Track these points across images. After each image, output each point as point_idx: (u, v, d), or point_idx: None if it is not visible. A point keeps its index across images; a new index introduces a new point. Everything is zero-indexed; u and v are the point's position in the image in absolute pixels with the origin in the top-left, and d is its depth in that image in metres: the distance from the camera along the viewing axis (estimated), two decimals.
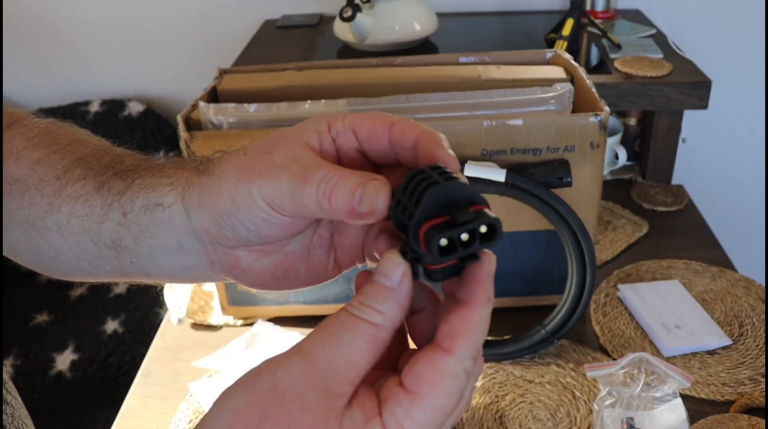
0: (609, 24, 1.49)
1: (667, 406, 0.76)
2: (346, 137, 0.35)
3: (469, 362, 0.29)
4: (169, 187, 0.37)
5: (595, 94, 0.85)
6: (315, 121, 0.35)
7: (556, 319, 0.85)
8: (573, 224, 0.83)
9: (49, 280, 1.67)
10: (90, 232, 0.39)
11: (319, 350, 0.28)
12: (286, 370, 0.28)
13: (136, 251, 0.39)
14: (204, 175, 0.36)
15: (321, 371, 0.28)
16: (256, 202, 0.33)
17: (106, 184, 0.39)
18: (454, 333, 0.29)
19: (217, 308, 0.96)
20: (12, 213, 0.41)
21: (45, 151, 0.41)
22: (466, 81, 0.91)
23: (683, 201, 1.21)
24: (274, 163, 0.33)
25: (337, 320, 0.29)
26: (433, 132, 0.33)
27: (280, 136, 0.35)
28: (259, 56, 1.47)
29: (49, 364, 1.41)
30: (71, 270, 0.42)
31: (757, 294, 0.97)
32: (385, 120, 0.34)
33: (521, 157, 0.82)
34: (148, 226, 0.37)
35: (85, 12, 1.75)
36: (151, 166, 0.39)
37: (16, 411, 0.41)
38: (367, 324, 0.29)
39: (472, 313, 0.29)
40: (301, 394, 0.27)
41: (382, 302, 0.29)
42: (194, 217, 0.36)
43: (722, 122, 1.68)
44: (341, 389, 0.28)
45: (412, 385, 0.28)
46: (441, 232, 0.28)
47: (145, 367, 0.90)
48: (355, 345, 0.28)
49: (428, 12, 1.42)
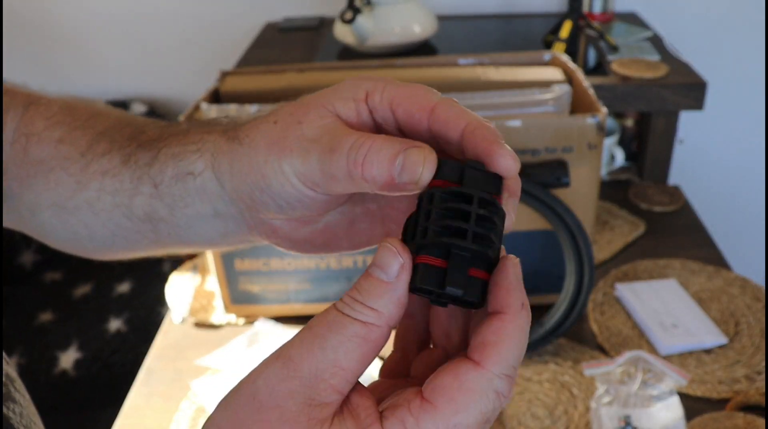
0: (606, 26, 1.50)
1: (664, 404, 0.76)
2: (384, 114, 0.31)
3: (501, 382, 0.25)
4: (197, 153, 0.35)
5: (593, 96, 0.86)
6: (352, 85, 0.31)
7: (554, 318, 0.86)
8: (571, 224, 0.84)
9: (53, 279, 1.68)
10: (122, 207, 0.37)
11: (301, 355, 0.25)
12: (265, 378, 0.26)
13: (172, 222, 0.37)
14: (233, 142, 0.33)
15: (302, 378, 0.25)
16: (288, 178, 0.31)
17: (132, 156, 0.37)
18: (484, 345, 0.25)
19: (219, 307, 0.97)
20: (39, 196, 0.40)
21: (66, 129, 0.40)
22: (465, 82, 0.92)
23: (680, 201, 1.22)
24: (304, 135, 0.30)
25: (323, 319, 0.26)
26: (484, 125, 0.29)
27: (312, 102, 0.32)
28: (260, 58, 1.48)
29: (52, 362, 1.42)
30: (107, 247, 0.40)
31: (753, 293, 0.98)
32: (424, 104, 0.30)
33: (519, 157, 0.83)
34: (181, 196, 0.35)
35: (88, 14, 1.76)
36: (175, 132, 0.37)
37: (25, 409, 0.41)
38: (358, 324, 0.26)
39: (505, 323, 0.26)
40: (281, 404, 0.25)
41: (376, 298, 0.26)
42: (227, 185, 0.34)
43: (718, 123, 1.69)
44: (325, 398, 0.25)
45: (430, 394, 0.25)
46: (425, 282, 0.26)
47: (148, 366, 0.91)
48: (342, 348, 0.25)
49: (428, 14, 1.44)
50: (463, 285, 0.26)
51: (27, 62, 1.83)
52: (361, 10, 1.34)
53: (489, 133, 0.28)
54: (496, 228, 0.27)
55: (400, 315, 0.27)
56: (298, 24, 1.67)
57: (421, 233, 0.27)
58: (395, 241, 0.27)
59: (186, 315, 0.97)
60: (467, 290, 0.26)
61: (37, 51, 1.82)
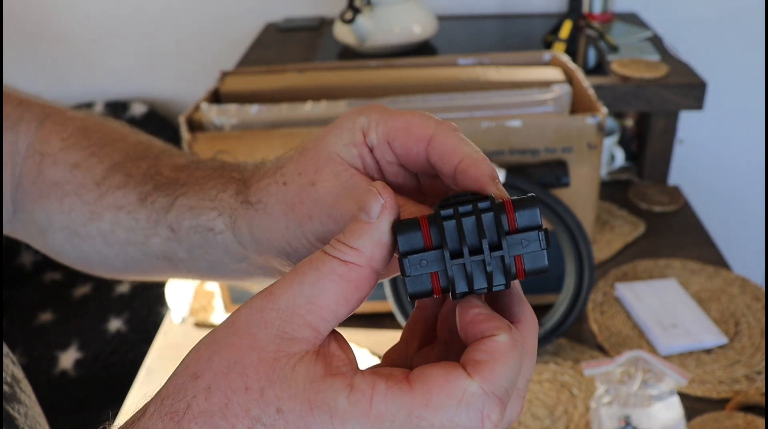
0: (606, 26, 1.50)
1: (664, 403, 0.76)
2: (382, 150, 0.31)
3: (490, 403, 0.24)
4: (215, 211, 0.35)
5: (593, 96, 0.86)
6: (348, 129, 0.31)
7: (554, 318, 0.86)
8: (571, 224, 0.84)
9: (53, 279, 1.68)
10: (137, 244, 0.38)
11: (281, 289, 0.26)
12: (246, 308, 0.26)
13: (192, 263, 0.37)
14: (248, 208, 0.33)
15: (278, 310, 0.25)
16: (313, 244, 0.31)
17: (149, 197, 0.37)
18: (478, 363, 0.24)
19: (219, 307, 0.97)
20: (52, 217, 0.40)
21: (82, 154, 0.40)
22: (465, 82, 0.92)
23: (679, 201, 1.22)
24: (322, 200, 0.30)
25: (308, 259, 0.26)
26: (478, 162, 0.28)
27: (319, 157, 0.31)
28: (260, 58, 1.48)
29: (52, 362, 1.42)
30: (120, 272, 0.41)
31: (753, 293, 0.98)
32: (420, 135, 0.29)
33: (519, 157, 0.84)
34: (201, 244, 0.36)
35: (89, 14, 1.76)
36: (191, 181, 0.37)
37: (30, 410, 0.41)
38: (337, 261, 0.26)
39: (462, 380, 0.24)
40: (254, 332, 0.25)
41: (358, 238, 0.26)
42: (249, 247, 0.34)
43: (718, 123, 1.69)
44: (298, 333, 0.25)
45: (415, 377, 0.25)
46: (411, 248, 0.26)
47: (148, 366, 0.91)
48: (319, 284, 0.25)
49: (428, 14, 1.44)
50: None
51: (27, 63, 1.83)
52: (361, 10, 1.34)
53: (481, 172, 0.28)
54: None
55: (384, 257, 0.27)
56: (298, 24, 1.67)
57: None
58: (379, 183, 0.27)
59: (186, 315, 0.97)
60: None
61: (37, 52, 1.82)
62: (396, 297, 0.85)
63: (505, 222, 0.26)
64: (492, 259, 0.26)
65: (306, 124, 0.86)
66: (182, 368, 0.27)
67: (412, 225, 0.26)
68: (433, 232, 0.26)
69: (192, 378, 0.26)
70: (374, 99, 0.87)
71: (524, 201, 0.27)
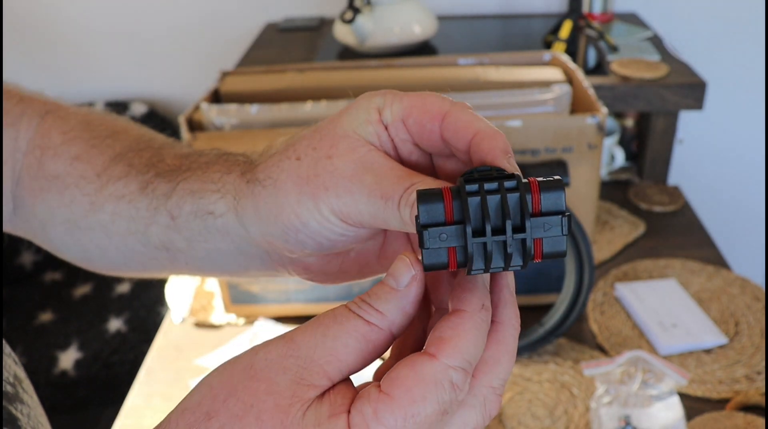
0: (606, 26, 1.50)
1: (664, 403, 0.76)
2: (396, 129, 0.31)
3: (457, 374, 0.26)
4: (217, 193, 0.34)
5: (593, 96, 0.86)
6: (365, 105, 0.31)
7: (554, 318, 0.86)
8: (571, 224, 0.84)
9: (53, 279, 1.68)
10: (137, 233, 0.37)
11: (303, 338, 0.26)
12: (265, 352, 0.27)
13: (190, 253, 0.37)
14: (255, 185, 0.33)
15: (298, 358, 0.26)
16: (327, 218, 0.31)
17: (150, 184, 0.37)
18: (441, 339, 0.26)
19: (219, 307, 0.97)
20: (53, 211, 0.40)
21: (83, 146, 0.39)
22: (465, 82, 0.93)
23: (679, 201, 1.22)
24: (339, 172, 0.30)
25: (331, 312, 0.27)
26: (492, 135, 0.28)
27: (335, 133, 0.31)
28: (260, 58, 1.48)
29: (52, 362, 1.42)
30: (120, 268, 0.41)
31: (753, 293, 0.98)
32: (435, 112, 0.30)
33: (519, 157, 0.84)
34: (200, 232, 0.35)
35: (88, 14, 1.77)
36: (195, 165, 0.36)
37: (33, 410, 0.40)
38: (361, 321, 0.27)
39: (463, 320, 0.26)
40: (272, 377, 0.26)
41: (383, 302, 0.27)
42: (252, 229, 0.34)
43: (718, 123, 1.69)
44: (315, 380, 0.26)
45: (387, 385, 0.26)
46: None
47: (148, 366, 0.91)
48: (341, 339, 0.26)
49: (428, 15, 1.44)
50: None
51: (27, 63, 1.83)
52: (361, 11, 1.34)
53: (494, 145, 0.28)
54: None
55: (404, 324, 0.28)
56: (298, 24, 1.67)
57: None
58: (411, 254, 0.28)
59: (186, 315, 0.98)
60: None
61: (37, 51, 1.82)
62: None
63: (530, 203, 0.26)
64: (513, 240, 0.26)
65: (306, 124, 0.86)
66: (193, 404, 0.27)
67: (435, 196, 0.26)
68: (456, 207, 0.26)
69: (205, 417, 0.26)
70: None
71: (550, 184, 0.26)
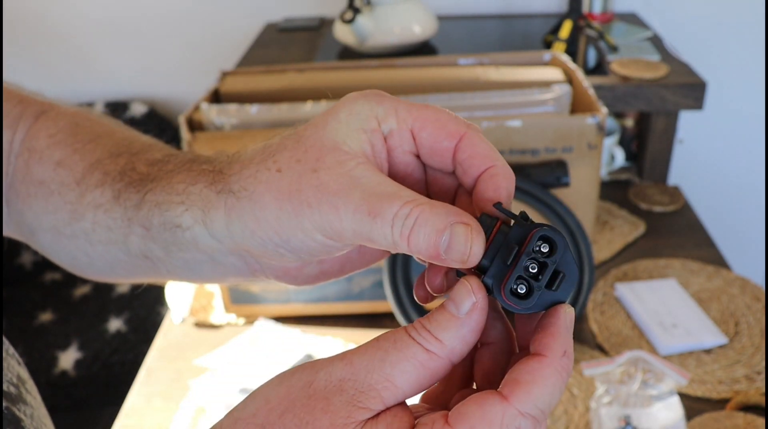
0: (606, 26, 1.50)
1: (664, 403, 0.76)
2: (401, 138, 0.30)
3: (526, 421, 0.25)
4: (182, 206, 0.33)
5: (593, 96, 0.86)
6: (357, 114, 0.30)
7: None
8: (571, 224, 0.84)
9: (53, 279, 1.68)
10: (118, 243, 0.37)
11: (362, 361, 0.26)
12: (327, 373, 0.27)
13: (169, 262, 0.36)
14: (228, 196, 0.31)
15: (357, 381, 0.26)
16: (309, 234, 0.29)
17: (122, 194, 0.36)
18: (516, 382, 0.26)
19: (219, 307, 0.97)
20: (39, 217, 0.39)
21: (66, 151, 0.39)
22: (465, 82, 0.93)
23: (679, 201, 1.22)
24: (324, 187, 0.28)
25: (391, 336, 0.27)
26: (507, 174, 0.29)
27: (321, 144, 0.29)
28: (260, 58, 1.48)
29: (52, 362, 1.42)
30: (107, 274, 0.40)
31: (753, 293, 0.98)
32: (453, 131, 0.29)
33: (520, 157, 0.84)
34: (174, 242, 0.34)
35: (89, 14, 1.76)
36: (160, 174, 0.35)
37: (36, 411, 0.40)
38: (420, 348, 0.26)
39: (542, 365, 0.26)
40: (329, 397, 0.26)
41: (443, 331, 0.26)
42: (225, 241, 0.32)
43: (718, 123, 1.69)
44: (370, 404, 0.26)
45: (454, 419, 0.26)
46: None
47: (148, 366, 0.91)
48: (399, 366, 0.26)
49: (428, 15, 1.44)
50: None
51: (27, 63, 1.83)
52: (361, 11, 1.34)
53: (504, 186, 0.28)
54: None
55: (464, 352, 0.27)
56: (298, 24, 1.67)
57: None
58: (474, 279, 0.27)
59: (186, 315, 0.97)
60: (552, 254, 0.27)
61: (37, 52, 1.82)
62: (396, 297, 0.85)
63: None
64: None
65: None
66: (247, 415, 0.27)
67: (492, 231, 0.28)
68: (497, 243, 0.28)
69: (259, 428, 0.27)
70: None
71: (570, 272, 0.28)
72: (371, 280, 0.91)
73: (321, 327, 0.93)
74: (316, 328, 0.93)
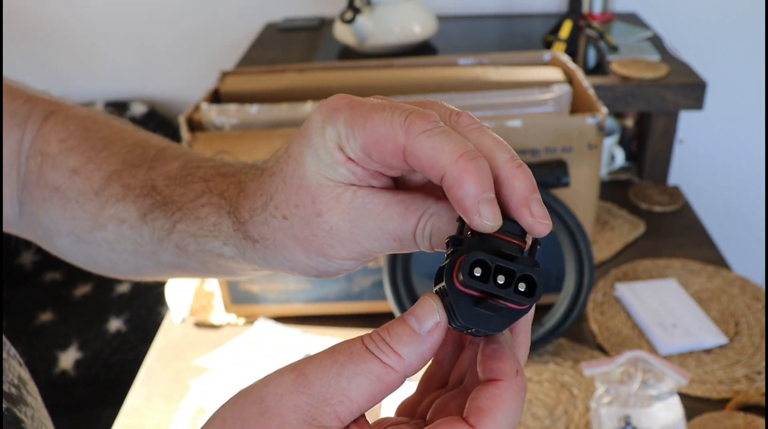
0: (606, 26, 1.50)
1: (664, 403, 0.76)
2: (365, 162, 0.29)
3: None
4: (219, 240, 0.35)
5: (593, 96, 0.86)
6: (323, 148, 0.29)
7: (554, 318, 0.86)
8: (571, 224, 0.84)
9: (53, 279, 1.68)
10: (145, 254, 0.38)
11: (316, 374, 0.26)
12: (276, 386, 0.26)
13: (204, 270, 0.37)
14: (254, 244, 0.33)
15: (310, 396, 0.26)
16: (341, 263, 0.31)
17: (149, 214, 0.37)
18: (480, 410, 0.26)
19: (219, 307, 0.97)
20: (56, 222, 0.40)
21: (80, 159, 0.39)
22: (465, 82, 0.93)
23: (679, 201, 1.22)
24: (336, 230, 0.30)
25: (347, 348, 0.26)
26: (461, 178, 0.26)
27: (308, 185, 0.30)
28: (260, 58, 1.48)
29: (52, 362, 1.42)
30: (131, 275, 0.41)
31: (753, 293, 0.98)
32: (392, 149, 0.27)
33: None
34: (212, 259, 0.36)
35: (89, 14, 1.76)
36: (184, 202, 0.36)
37: (37, 412, 0.41)
38: (378, 362, 0.26)
39: (500, 390, 0.26)
40: (283, 414, 0.26)
41: (403, 345, 0.26)
42: (264, 267, 0.34)
43: (718, 123, 1.69)
44: (326, 421, 0.26)
45: None
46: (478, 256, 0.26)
47: (148, 365, 0.91)
48: (355, 380, 0.26)
49: (428, 15, 1.44)
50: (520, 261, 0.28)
51: (27, 63, 1.83)
52: (361, 11, 1.34)
53: (463, 196, 0.26)
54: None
55: (419, 369, 0.27)
56: (298, 24, 1.67)
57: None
58: (436, 298, 0.27)
59: (186, 315, 0.97)
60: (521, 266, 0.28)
61: (37, 51, 1.82)
62: (396, 297, 0.85)
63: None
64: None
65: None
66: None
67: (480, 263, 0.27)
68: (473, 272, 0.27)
69: None
70: None
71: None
72: (371, 280, 0.91)
73: (321, 327, 0.94)
74: (316, 328, 0.93)
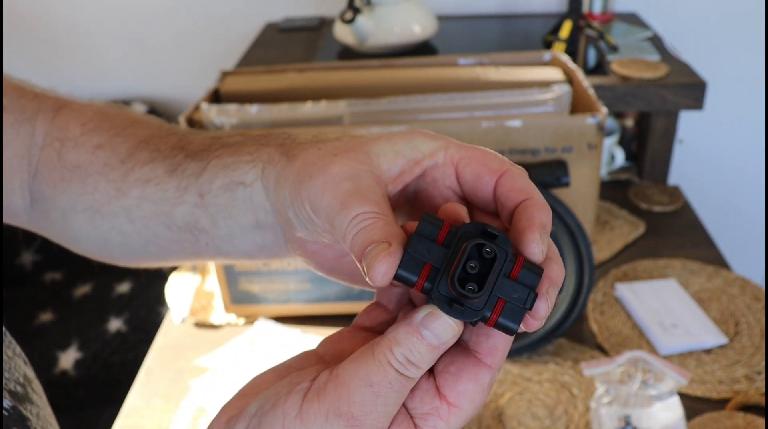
0: (606, 26, 1.50)
1: (664, 403, 0.76)
2: (444, 173, 0.32)
3: (465, 421, 0.29)
4: (250, 164, 0.36)
5: (593, 96, 0.86)
6: (409, 144, 0.32)
7: (554, 318, 0.86)
8: (571, 224, 0.84)
9: (53, 279, 1.68)
10: (162, 215, 0.39)
11: (365, 413, 0.28)
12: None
13: (213, 232, 0.38)
14: (287, 158, 0.34)
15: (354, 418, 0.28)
16: (302, 203, 0.32)
17: (179, 166, 0.38)
18: (496, 349, 0.29)
19: (219, 307, 0.97)
20: (73, 200, 0.41)
21: (105, 135, 0.41)
22: (465, 82, 0.93)
23: (679, 201, 1.22)
24: (329, 168, 0.31)
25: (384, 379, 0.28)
26: (541, 205, 0.29)
27: (362, 146, 0.32)
28: (260, 58, 1.48)
29: (52, 362, 1.42)
30: (138, 255, 0.42)
31: (753, 293, 0.98)
32: (494, 168, 0.31)
33: (519, 157, 0.84)
34: (226, 206, 0.37)
35: (88, 14, 1.77)
36: (227, 143, 0.38)
37: (42, 410, 0.41)
38: (409, 381, 0.28)
39: (488, 375, 0.29)
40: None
41: (427, 362, 0.28)
42: (271, 196, 0.35)
43: (718, 123, 1.69)
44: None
45: (455, 398, 0.29)
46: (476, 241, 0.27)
47: (148, 366, 0.91)
48: (396, 402, 0.28)
49: (428, 14, 1.44)
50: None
51: (27, 62, 1.83)
52: (361, 10, 1.34)
53: (537, 217, 0.29)
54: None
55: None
56: (298, 24, 1.67)
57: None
58: (441, 312, 0.28)
59: (186, 315, 0.98)
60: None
61: (37, 51, 1.82)
62: None
63: (509, 267, 0.28)
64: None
65: (306, 124, 0.86)
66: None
67: (437, 222, 0.28)
68: (449, 236, 0.28)
69: None
70: (374, 99, 0.87)
71: (534, 267, 0.28)
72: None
73: (321, 327, 0.94)
74: (316, 328, 0.93)
